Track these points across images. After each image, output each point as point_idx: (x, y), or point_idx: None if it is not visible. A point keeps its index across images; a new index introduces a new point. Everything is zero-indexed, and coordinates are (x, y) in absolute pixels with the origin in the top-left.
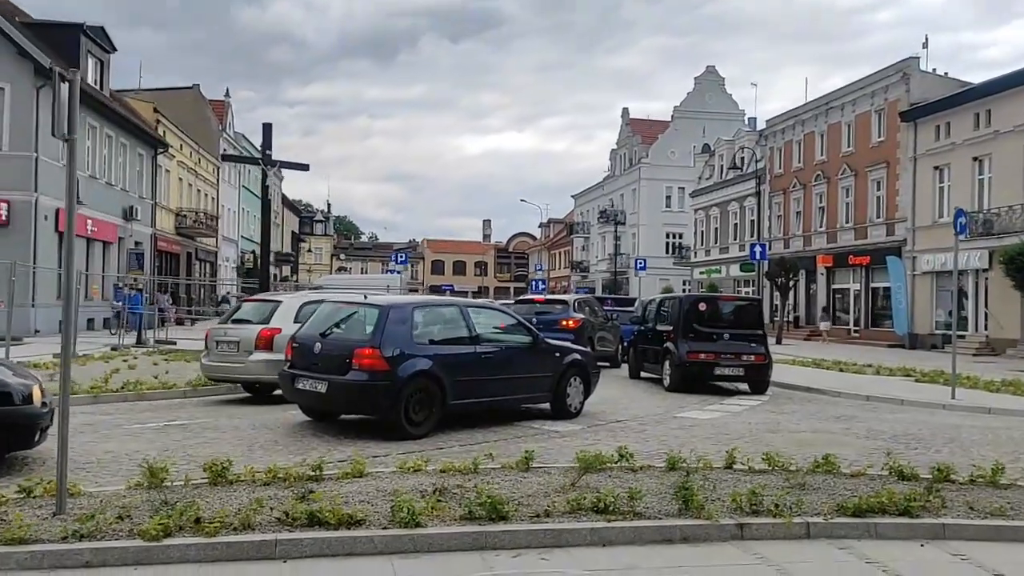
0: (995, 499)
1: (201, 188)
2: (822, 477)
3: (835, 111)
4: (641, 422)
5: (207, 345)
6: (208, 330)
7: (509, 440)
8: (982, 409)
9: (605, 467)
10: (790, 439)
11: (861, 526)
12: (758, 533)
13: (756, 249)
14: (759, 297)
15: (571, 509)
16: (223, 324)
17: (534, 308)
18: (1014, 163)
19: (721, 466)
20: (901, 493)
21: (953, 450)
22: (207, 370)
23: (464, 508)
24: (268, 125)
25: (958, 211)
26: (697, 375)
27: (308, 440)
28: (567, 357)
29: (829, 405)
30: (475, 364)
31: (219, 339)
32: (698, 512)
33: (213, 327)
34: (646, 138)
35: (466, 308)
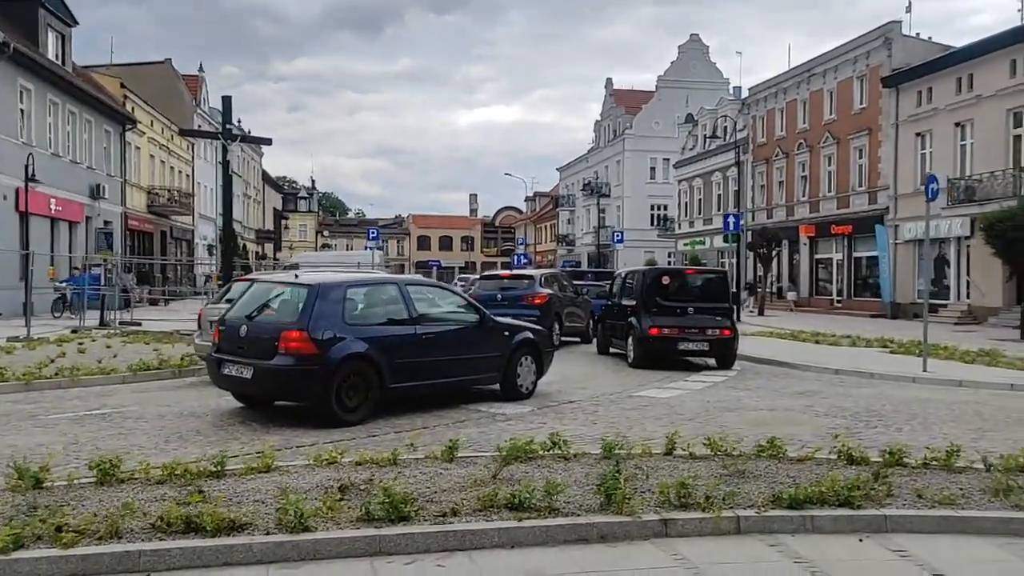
0: (947, 485)
1: (175, 165)
2: (765, 463)
3: (817, 78)
4: (595, 402)
5: (200, 325)
6: (201, 310)
7: (450, 425)
8: (952, 382)
9: (536, 455)
10: (746, 418)
11: (797, 519)
12: (683, 530)
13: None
14: (725, 270)
15: (483, 506)
16: (216, 304)
17: (500, 284)
18: (996, 129)
19: (661, 452)
20: (845, 480)
21: (915, 428)
22: (200, 349)
23: (362, 508)
24: (227, 98)
25: (930, 176)
26: (660, 350)
27: (234, 429)
28: (517, 336)
29: (796, 380)
30: (415, 345)
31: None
32: (620, 507)
33: (207, 307)
34: (630, 109)
35: (406, 286)
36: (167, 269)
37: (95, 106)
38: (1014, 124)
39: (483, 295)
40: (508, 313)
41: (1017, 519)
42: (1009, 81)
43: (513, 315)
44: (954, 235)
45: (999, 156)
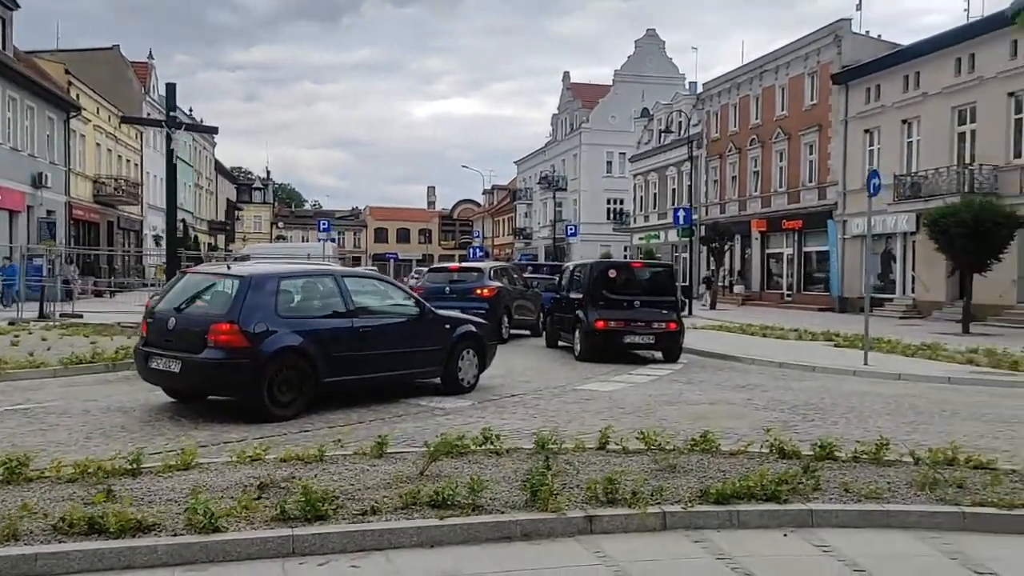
0: (875, 479)
1: (122, 154)
2: (698, 457)
3: (769, 74)
4: (538, 395)
5: None
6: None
7: (387, 420)
8: (892, 375)
9: (467, 451)
10: (686, 412)
11: (723, 514)
12: (609, 526)
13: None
14: (671, 263)
15: (404, 504)
16: None
17: (448, 277)
18: (941, 126)
19: (594, 446)
20: (774, 475)
21: (850, 421)
22: None
23: (278, 507)
24: (172, 85)
25: (872, 172)
26: (606, 344)
27: (161, 425)
28: (458, 329)
29: (740, 373)
30: (352, 338)
31: None
32: (545, 504)
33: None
34: (587, 103)
35: (343, 278)
36: (114, 260)
37: (38, 92)
38: (958, 122)
39: (431, 288)
40: (456, 306)
41: (941, 513)
42: (954, 79)
43: (461, 308)
44: (900, 231)
45: (944, 153)
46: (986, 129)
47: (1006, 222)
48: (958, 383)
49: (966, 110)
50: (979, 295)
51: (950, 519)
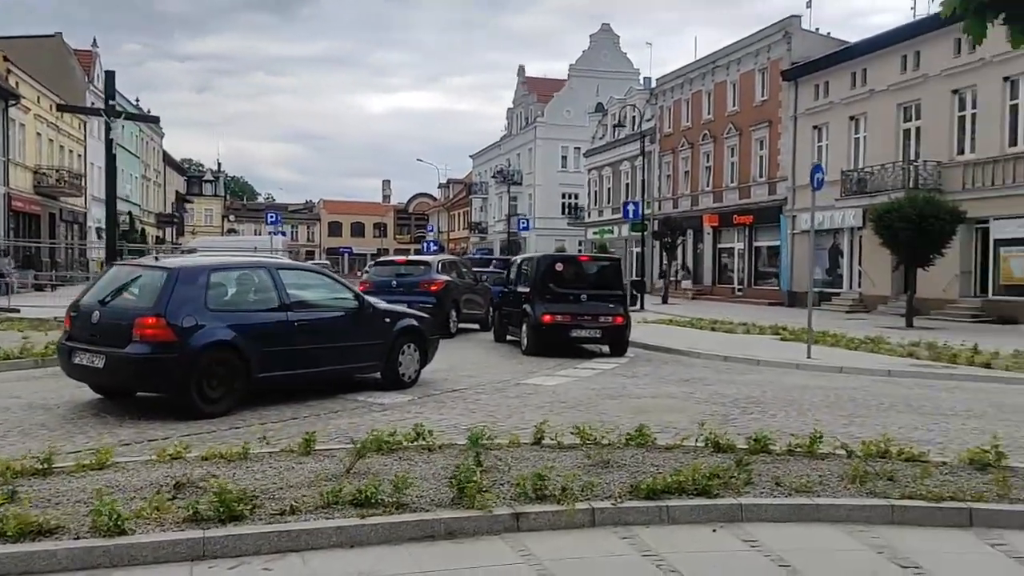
0: (808, 472)
1: (65, 144)
2: (633, 451)
3: (721, 70)
4: (480, 390)
5: None
6: None
7: (322, 416)
8: (834, 368)
9: (399, 447)
10: (628, 406)
11: (652, 510)
12: (536, 524)
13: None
14: (618, 257)
15: (326, 503)
16: None
17: (395, 270)
18: (887, 122)
19: (529, 442)
20: (707, 469)
21: (789, 414)
22: None
23: (190, 508)
24: (111, 73)
25: (815, 167)
26: (553, 337)
27: (84, 423)
28: (399, 323)
29: (685, 367)
30: (287, 333)
31: None
32: (472, 502)
33: None
34: (542, 97)
35: (277, 271)
36: (56, 253)
37: None
38: (903, 118)
39: (378, 281)
40: (403, 300)
41: (870, 506)
42: (900, 76)
43: (408, 302)
44: (847, 226)
45: (890, 149)
46: (930, 126)
47: (948, 217)
48: (898, 376)
49: (911, 107)
50: (923, 290)
51: (879, 512)
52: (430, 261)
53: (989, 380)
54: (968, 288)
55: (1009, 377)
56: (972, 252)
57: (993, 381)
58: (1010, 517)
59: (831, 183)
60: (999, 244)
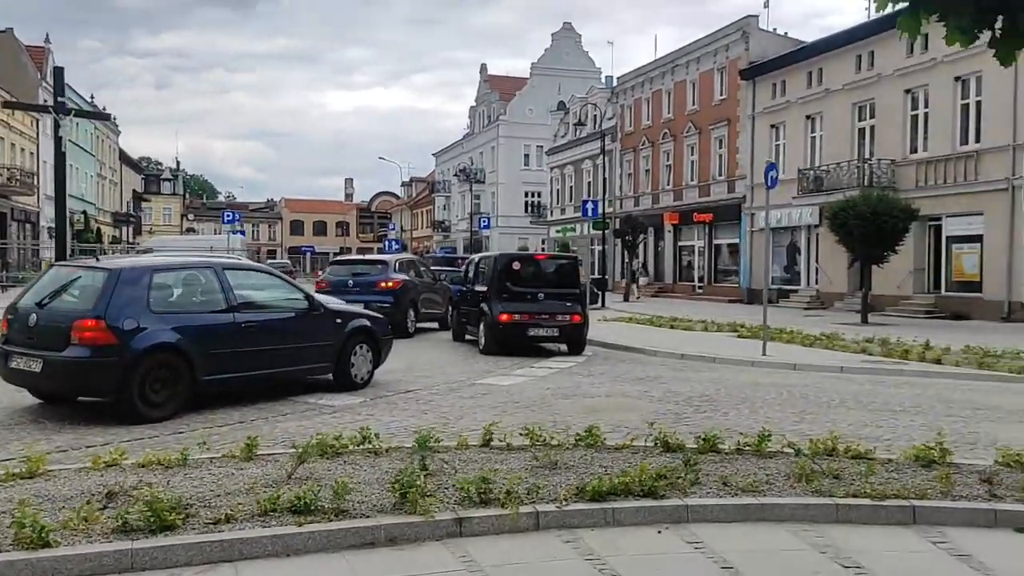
0: (756, 471)
1: (16, 142)
2: (582, 452)
3: (681, 69)
4: (434, 391)
5: None
6: None
7: (270, 419)
8: (787, 365)
9: (344, 451)
10: (581, 405)
11: (598, 512)
12: (479, 528)
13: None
14: (576, 255)
15: (263, 511)
16: None
17: (352, 269)
18: (842, 121)
19: (478, 443)
20: (654, 469)
21: (741, 412)
22: None
23: (119, 518)
24: (59, 69)
25: (769, 165)
26: (511, 336)
27: (20, 428)
28: (351, 323)
29: (641, 365)
30: (233, 334)
31: None
32: (414, 507)
33: None
34: (504, 95)
35: (224, 271)
36: (8, 253)
37: None
38: (858, 117)
39: (335, 281)
40: (360, 299)
41: (815, 505)
42: (854, 76)
43: (365, 301)
44: (804, 223)
45: (845, 148)
46: (884, 125)
47: (901, 215)
48: (850, 372)
49: (865, 106)
50: (878, 286)
51: (824, 511)
52: (387, 260)
53: (938, 376)
54: (922, 285)
55: (957, 373)
56: (925, 249)
57: (942, 377)
58: (952, 514)
59: (788, 181)
60: (951, 241)
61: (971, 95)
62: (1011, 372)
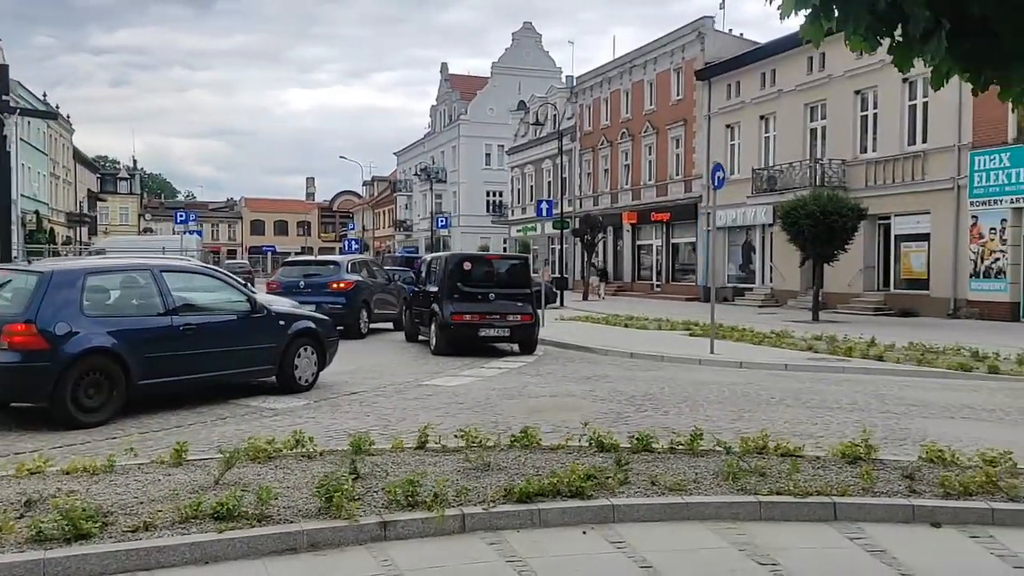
0: (686, 470)
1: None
2: (516, 453)
3: (638, 69)
4: (379, 393)
5: None
6: None
7: (207, 423)
8: (734, 364)
9: (279, 455)
10: (525, 406)
11: (524, 514)
12: (404, 532)
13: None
14: (527, 256)
15: (184, 518)
16: None
17: (303, 270)
18: (795, 121)
19: (413, 446)
20: (583, 470)
21: (682, 411)
22: None
23: (33, 528)
24: (4, 67)
25: (715, 166)
26: (462, 337)
27: None
28: (294, 325)
29: (591, 364)
30: (171, 337)
31: None
32: (339, 511)
33: None
34: (465, 94)
35: (161, 273)
36: None
37: None
38: (810, 118)
39: (286, 282)
40: (312, 300)
41: (738, 503)
42: (806, 77)
43: (317, 302)
44: (759, 223)
45: (798, 148)
46: (835, 125)
47: (851, 214)
48: (794, 369)
49: (817, 107)
50: (830, 284)
51: (747, 509)
52: (339, 261)
53: (879, 372)
54: (872, 282)
55: (897, 369)
56: (875, 248)
57: (882, 373)
58: (871, 510)
59: (743, 181)
60: (900, 240)
61: (918, 96)
62: (949, 368)
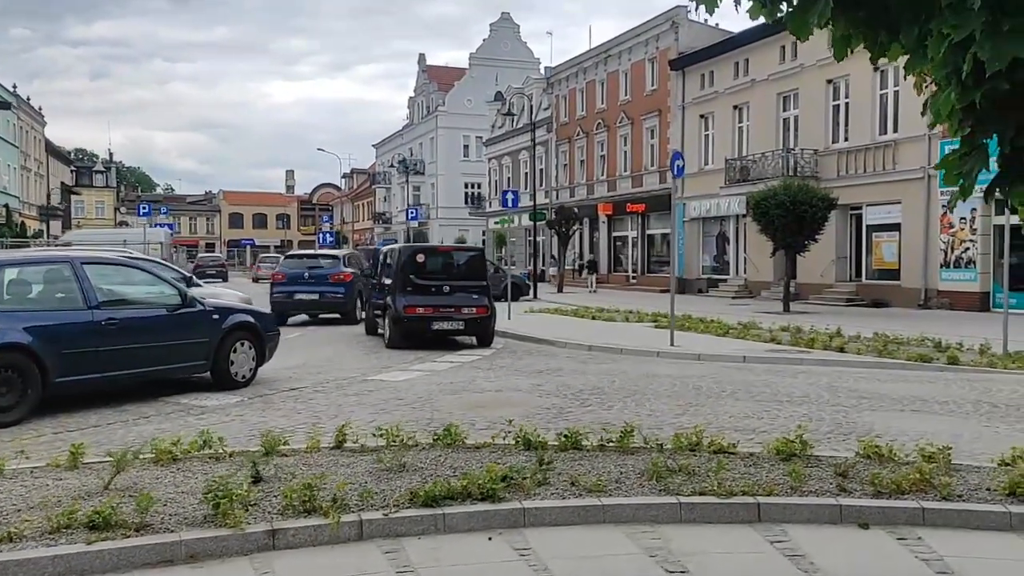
0: (612, 469)
1: None
2: (438, 452)
3: (613, 59)
4: (320, 388)
5: None
6: None
7: (129, 422)
8: (692, 356)
9: (185, 456)
10: (466, 401)
11: (428, 519)
12: (295, 540)
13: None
14: (482, 248)
15: (55, 528)
16: None
17: (306, 263)
18: (768, 111)
19: (330, 445)
20: (501, 470)
21: (627, 405)
22: None
23: None
24: None
25: (675, 154)
26: (415, 330)
27: None
28: (230, 319)
29: (547, 357)
30: (92, 333)
31: None
32: (225, 519)
33: None
34: (443, 86)
35: (83, 266)
36: None
37: None
38: (783, 108)
39: (290, 273)
40: (316, 290)
41: (657, 504)
42: (779, 66)
43: (320, 292)
44: (732, 213)
45: (771, 138)
46: (807, 115)
47: (821, 204)
48: (752, 362)
49: (790, 96)
50: (802, 275)
51: (667, 511)
52: (338, 255)
53: (837, 364)
54: (844, 273)
55: (855, 360)
56: (847, 238)
57: (841, 365)
58: (797, 511)
59: (717, 171)
60: (871, 230)
61: (889, 85)
62: (908, 360)
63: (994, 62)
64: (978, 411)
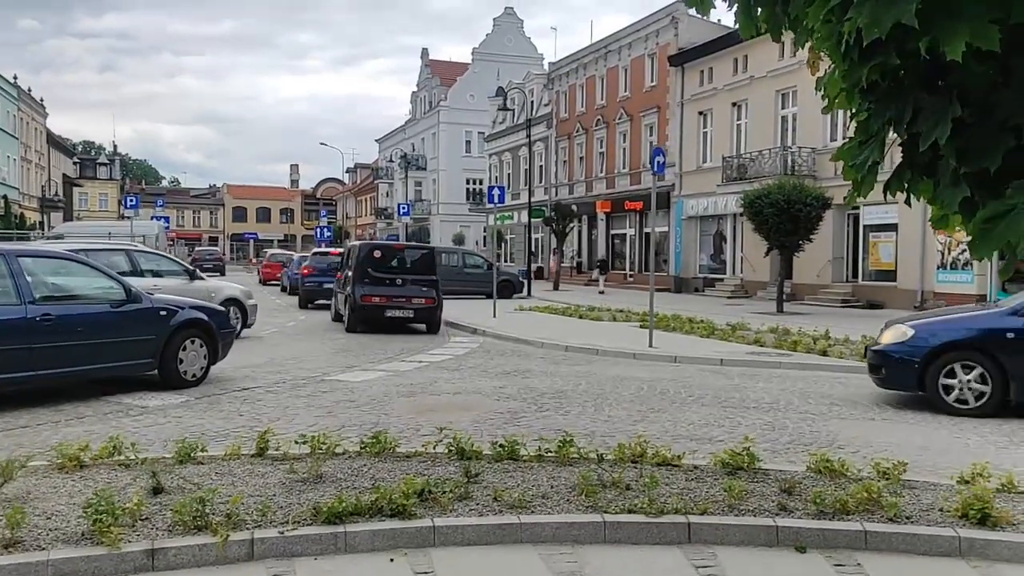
0: (543, 482)
1: None
2: (364, 461)
3: (613, 55)
4: (273, 389)
5: None
6: None
7: (60, 423)
8: (669, 358)
9: (92, 463)
10: (419, 404)
11: (328, 537)
12: (176, 561)
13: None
14: (432, 246)
15: None
16: None
17: (327, 259)
18: (766, 109)
19: (251, 452)
20: (421, 482)
21: (585, 411)
22: None
23: None
24: None
25: (656, 150)
26: (370, 317)
27: None
28: (179, 316)
29: (520, 357)
30: (26, 330)
31: None
32: (102, 536)
33: None
34: (446, 80)
35: (18, 259)
36: None
37: None
38: (781, 105)
39: (319, 267)
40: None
41: (579, 523)
42: (778, 63)
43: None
44: (729, 212)
45: (769, 135)
46: (806, 113)
47: (815, 203)
48: (729, 365)
49: (788, 93)
50: (799, 275)
51: (589, 531)
52: None
53: (816, 368)
54: (841, 273)
55: (836, 365)
56: (844, 238)
57: (819, 369)
58: (729, 532)
59: (714, 169)
60: (869, 230)
61: None
62: None
63: (872, 28)
64: (952, 420)
